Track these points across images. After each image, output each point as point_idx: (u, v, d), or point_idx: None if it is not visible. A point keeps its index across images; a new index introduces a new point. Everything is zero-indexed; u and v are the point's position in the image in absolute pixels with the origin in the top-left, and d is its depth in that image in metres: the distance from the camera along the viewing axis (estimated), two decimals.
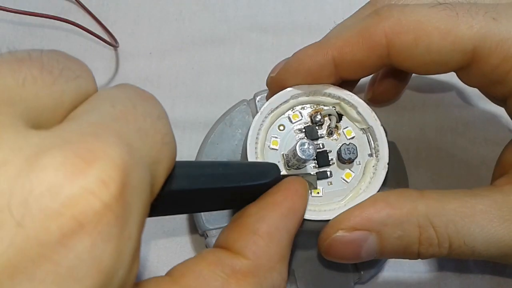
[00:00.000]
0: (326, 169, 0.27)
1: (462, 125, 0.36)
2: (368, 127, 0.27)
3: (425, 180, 0.35)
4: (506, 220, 0.24)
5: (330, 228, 0.25)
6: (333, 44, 0.26)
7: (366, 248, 0.24)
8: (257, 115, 0.27)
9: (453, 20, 0.24)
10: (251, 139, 0.26)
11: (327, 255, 0.25)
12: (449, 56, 0.25)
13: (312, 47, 0.27)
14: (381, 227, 0.24)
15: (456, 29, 0.24)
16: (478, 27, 0.24)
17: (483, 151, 0.35)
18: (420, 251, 0.24)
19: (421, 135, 0.36)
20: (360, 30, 0.25)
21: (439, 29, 0.24)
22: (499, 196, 0.24)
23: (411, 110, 0.37)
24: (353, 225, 0.24)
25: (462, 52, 0.25)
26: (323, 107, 0.27)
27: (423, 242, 0.24)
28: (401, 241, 0.24)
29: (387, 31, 0.25)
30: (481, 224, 0.24)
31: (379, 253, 0.25)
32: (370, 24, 0.25)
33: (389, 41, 0.25)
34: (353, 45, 0.25)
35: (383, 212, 0.24)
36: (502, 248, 0.24)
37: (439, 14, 0.24)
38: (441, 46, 0.24)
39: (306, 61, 0.26)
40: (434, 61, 0.25)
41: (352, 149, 0.26)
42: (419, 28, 0.24)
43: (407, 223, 0.24)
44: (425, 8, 0.25)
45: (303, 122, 0.27)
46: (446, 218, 0.24)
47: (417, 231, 0.24)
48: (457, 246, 0.24)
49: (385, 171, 0.26)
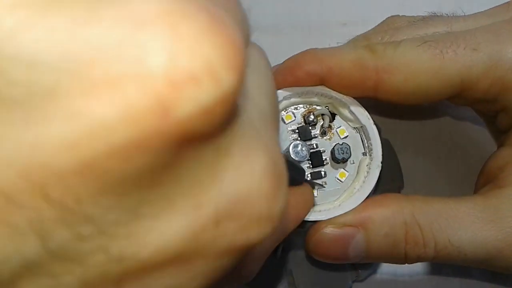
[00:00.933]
0: (320, 169, 0.27)
1: (461, 123, 0.36)
2: (361, 126, 0.27)
3: (421, 179, 0.35)
4: (489, 221, 0.24)
5: (319, 224, 0.25)
6: (327, 61, 0.27)
7: (354, 246, 0.25)
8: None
9: (438, 59, 0.26)
10: None
11: (314, 252, 0.26)
12: (438, 91, 0.27)
13: (303, 55, 0.27)
14: (369, 223, 0.25)
15: (443, 67, 0.26)
16: (462, 61, 0.26)
17: (481, 149, 0.35)
18: (407, 251, 0.25)
19: (419, 133, 0.36)
20: (353, 59, 0.26)
21: (427, 69, 0.26)
22: (482, 200, 0.25)
23: (409, 108, 0.37)
24: (342, 221, 0.25)
25: (451, 86, 0.26)
26: (316, 107, 0.28)
27: (409, 241, 0.25)
28: (388, 239, 0.25)
29: (379, 69, 0.26)
30: (465, 225, 0.24)
31: (366, 252, 0.25)
32: (364, 58, 0.26)
33: (379, 78, 0.26)
34: (345, 69, 0.26)
35: (370, 209, 0.25)
36: (488, 249, 0.24)
37: (426, 54, 0.26)
38: (430, 84, 0.26)
39: (297, 70, 0.27)
40: (422, 96, 0.27)
41: (345, 148, 0.26)
42: (408, 68, 0.26)
43: (393, 220, 0.25)
44: (413, 48, 0.26)
45: (296, 123, 0.27)
46: (430, 218, 0.25)
47: (403, 229, 0.25)
48: (443, 246, 0.24)
49: (378, 170, 0.26)
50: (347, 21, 0.39)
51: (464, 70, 0.26)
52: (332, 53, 0.27)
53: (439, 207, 0.25)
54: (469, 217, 0.24)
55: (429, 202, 0.25)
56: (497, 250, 0.24)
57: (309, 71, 0.27)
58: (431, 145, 0.36)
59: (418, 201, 0.25)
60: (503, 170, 0.27)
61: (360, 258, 0.26)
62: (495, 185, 0.26)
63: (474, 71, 0.26)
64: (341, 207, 0.25)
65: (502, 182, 0.26)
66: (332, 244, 0.25)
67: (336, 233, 0.25)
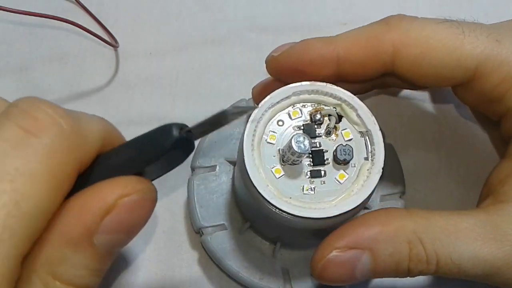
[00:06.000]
0: (320, 168, 0.27)
1: (462, 125, 0.36)
2: (366, 131, 0.27)
3: (422, 180, 0.35)
4: (490, 239, 0.24)
5: (324, 248, 0.25)
6: (341, 43, 0.27)
7: (360, 267, 0.25)
8: (257, 108, 0.27)
9: (459, 39, 0.25)
10: (249, 131, 0.26)
11: (321, 278, 0.25)
12: (452, 71, 0.26)
13: (320, 40, 0.27)
14: (374, 244, 0.24)
15: (462, 47, 0.25)
16: (482, 47, 0.25)
17: (482, 151, 0.35)
18: (410, 267, 0.25)
19: (419, 135, 0.36)
20: (368, 36, 0.26)
21: (446, 45, 0.25)
22: (483, 215, 0.25)
23: (410, 110, 0.37)
24: (347, 244, 0.25)
25: (465, 69, 0.26)
26: (324, 106, 0.28)
27: (412, 259, 0.24)
28: (393, 258, 0.24)
29: (395, 41, 0.26)
30: (466, 242, 0.24)
31: (372, 272, 0.25)
32: (379, 32, 0.26)
33: (396, 51, 0.26)
34: (360, 48, 0.26)
35: (374, 229, 0.25)
36: (486, 267, 0.24)
37: (446, 31, 0.25)
38: (446, 62, 0.26)
39: (311, 51, 0.27)
40: (436, 75, 0.26)
41: (348, 150, 0.26)
42: (426, 43, 0.25)
43: (397, 239, 0.24)
44: (433, 24, 0.26)
45: (303, 120, 0.27)
46: (432, 235, 0.24)
47: (407, 247, 0.24)
48: (444, 264, 0.24)
49: (378, 176, 0.26)
50: (347, 21, 0.39)
51: (482, 57, 0.25)
52: (345, 35, 0.27)
53: (441, 223, 0.25)
54: (470, 234, 0.24)
55: (431, 219, 0.25)
56: (496, 268, 0.24)
57: (324, 54, 0.27)
58: (432, 146, 0.36)
59: (420, 218, 0.25)
60: (504, 184, 0.26)
61: (366, 277, 0.25)
62: (496, 199, 0.26)
63: (491, 61, 0.25)
64: (336, 207, 0.25)
65: (503, 197, 0.26)
66: (338, 269, 0.25)
67: (342, 257, 0.24)
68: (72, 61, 0.38)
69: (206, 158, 0.33)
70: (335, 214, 0.25)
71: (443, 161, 0.36)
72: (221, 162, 0.32)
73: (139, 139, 0.19)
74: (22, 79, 0.38)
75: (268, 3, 0.40)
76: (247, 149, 0.26)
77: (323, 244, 0.25)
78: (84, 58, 0.38)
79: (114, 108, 0.36)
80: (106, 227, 0.17)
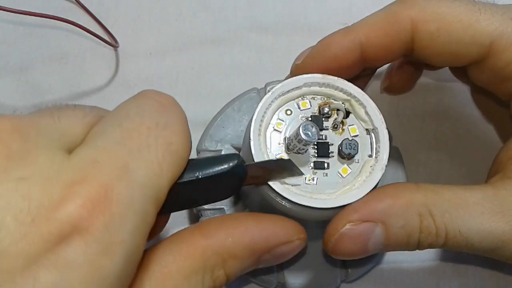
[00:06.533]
0: (324, 160, 0.27)
1: (462, 126, 0.36)
2: (373, 128, 0.27)
3: (423, 180, 0.35)
4: (496, 213, 0.24)
5: (338, 222, 0.25)
6: (360, 29, 0.27)
7: (373, 240, 0.25)
8: (267, 94, 0.27)
9: (475, 15, 0.26)
10: (257, 116, 0.26)
11: (335, 252, 0.26)
12: (468, 48, 0.26)
13: (338, 33, 0.28)
14: (386, 217, 0.25)
15: (477, 24, 0.26)
16: (497, 24, 0.26)
17: (483, 151, 0.35)
18: (420, 240, 0.25)
19: (421, 134, 0.36)
20: (386, 15, 0.27)
21: (461, 21, 0.26)
22: (490, 190, 0.25)
23: (411, 110, 0.37)
24: (360, 217, 0.25)
25: (480, 45, 0.26)
26: (333, 101, 0.28)
27: (423, 231, 0.25)
28: (405, 230, 0.25)
29: (413, 17, 0.26)
30: (474, 215, 0.25)
31: (385, 245, 0.25)
32: (396, 10, 0.27)
33: (414, 27, 0.26)
34: (380, 30, 0.27)
35: (385, 203, 0.25)
36: (493, 240, 0.25)
37: (462, 8, 0.26)
38: (461, 38, 0.26)
39: (333, 46, 0.28)
40: (452, 52, 0.27)
41: (353, 145, 0.26)
42: (442, 19, 0.26)
43: (408, 212, 0.25)
44: (449, 1, 0.26)
45: (311, 111, 0.27)
46: (442, 208, 0.25)
47: (418, 220, 0.25)
48: (453, 236, 0.25)
49: (381, 173, 0.26)
50: (347, 21, 0.38)
51: (496, 33, 0.26)
52: (363, 22, 0.27)
53: (450, 196, 0.25)
54: (478, 208, 0.25)
55: (440, 192, 0.25)
56: (502, 241, 0.24)
57: (346, 46, 0.27)
58: (432, 146, 0.36)
59: (430, 192, 0.25)
60: None
61: (378, 250, 0.26)
62: (505, 175, 0.26)
63: (504, 38, 0.26)
64: (336, 199, 0.25)
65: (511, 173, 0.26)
66: (352, 242, 0.25)
67: (356, 231, 0.25)
68: (72, 61, 0.38)
69: (213, 142, 0.33)
70: (335, 206, 0.25)
71: (444, 161, 0.36)
72: (227, 148, 0.33)
73: (212, 178, 0.22)
74: (22, 79, 0.38)
75: (268, 3, 0.40)
76: (254, 133, 0.26)
77: (336, 218, 0.25)
78: (84, 58, 0.38)
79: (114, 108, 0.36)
80: (273, 253, 0.24)
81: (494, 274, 0.33)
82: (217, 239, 0.23)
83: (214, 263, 0.22)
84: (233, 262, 0.23)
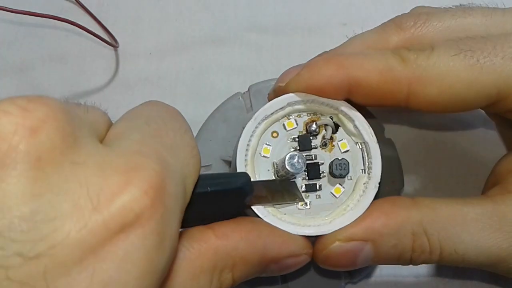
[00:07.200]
0: (315, 182, 0.26)
1: (461, 126, 0.36)
2: (363, 142, 0.26)
3: (423, 180, 0.35)
4: (496, 229, 0.24)
5: (327, 239, 0.25)
6: (352, 68, 0.25)
7: (362, 257, 0.25)
8: (250, 121, 0.26)
9: (476, 70, 0.24)
10: (241, 147, 0.26)
11: (323, 265, 0.26)
12: (473, 102, 0.25)
13: (328, 64, 0.25)
14: (377, 236, 0.24)
15: (479, 78, 0.24)
16: (500, 71, 0.24)
17: (482, 151, 0.35)
18: (413, 258, 0.25)
19: (420, 135, 0.36)
20: (383, 70, 0.25)
21: (463, 80, 0.24)
22: (490, 205, 0.25)
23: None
24: (349, 236, 0.25)
25: (487, 96, 0.25)
26: (320, 116, 0.27)
27: (416, 249, 0.25)
28: (396, 249, 0.25)
29: (412, 81, 0.25)
30: (472, 232, 0.24)
31: (374, 261, 0.25)
32: (395, 67, 0.25)
33: (411, 89, 0.25)
34: (374, 82, 0.25)
35: (378, 222, 0.25)
36: (491, 257, 0.24)
37: (462, 64, 0.24)
38: (465, 95, 0.25)
39: (319, 79, 0.25)
40: (457, 107, 0.25)
41: (343, 165, 0.26)
42: (443, 81, 0.24)
43: (402, 231, 0.24)
44: (448, 58, 0.24)
45: (298, 131, 0.27)
46: (438, 226, 0.24)
47: (410, 239, 0.24)
48: (448, 254, 0.24)
49: (375, 191, 0.25)
50: (347, 21, 0.39)
51: (501, 80, 0.24)
52: (359, 62, 0.25)
53: (447, 213, 0.25)
54: (476, 224, 0.24)
55: (437, 208, 0.25)
56: (500, 258, 0.24)
57: (335, 83, 0.25)
58: (432, 146, 0.36)
59: (426, 208, 0.25)
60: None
61: (368, 264, 0.26)
62: (504, 189, 0.26)
63: (511, 81, 0.24)
64: (331, 224, 0.25)
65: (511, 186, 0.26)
66: (340, 258, 0.25)
67: (344, 248, 0.25)
68: (72, 61, 0.38)
69: (202, 156, 0.32)
70: (330, 232, 0.25)
71: (443, 161, 0.36)
72: (216, 162, 0.32)
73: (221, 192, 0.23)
74: (22, 79, 0.38)
75: (268, 3, 0.40)
76: (240, 165, 0.25)
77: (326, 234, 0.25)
78: (84, 58, 0.38)
79: (114, 108, 0.36)
80: (280, 263, 0.24)
81: (494, 276, 0.33)
82: (231, 241, 0.22)
83: (224, 265, 0.22)
84: (242, 266, 0.23)
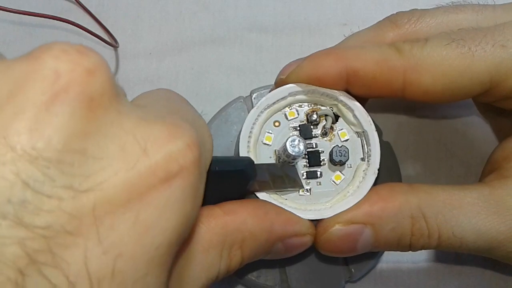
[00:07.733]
0: (316, 169, 0.27)
1: (461, 125, 0.36)
2: (363, 131, 0.27)
3: (422, 182, 0.35)
4: (493, 213, 0.25)
5: (327, 222, 0.26)
6: (350, 62, 0.26)
7: (362, 241, 0.25)
8: (253, 109, 0.27)
9: (468, 58, 0.25)
10: (244, 133, 0.26)
11: (323, 249, 0.26)
12: (467, 90, 0.26)
13: (328, 56, 0.27)
14: (376, 220, 0.25)
15: (472, 66, 0.25)
16: (491, 58, 0.25)
17: (482, 150, 0.35)
18: (412, 242, 0.25)
19: (419, 135, 0.36)
20: (379, 60, 0.26)
21: (456, 68, 0.25)
22: (487, 190, 0.25)
23: (410, 109, 0.37)
24: (350, 219, 0.25)
25: (480, 84, 0.26)
26: (321, 107, 0.27)
27: (415, 233, 0.25)
28: (395, 232, 0.25)
29: (407, 70, 0.26)
30: (469, 216, 0.25)
31: (374, 246, 0.26)
32: (390, 58, 0.26)
33: (407, 79, 0.26)
34: (371, 72, 0.26)
35: (377, 206, 0.25)
36: (488, 240, 0.25)
37: (454, 53, 0.25)
38: (459, 83, 0.26)
39: (320, 69, 0.27)
40: (451, 95, 0.26)
41: (343, 151, 0.26)
42: (437, 69, 0.25)
43: (400, 215, 0.25)
44: (441, 47, 0.25)
45: (299, 120, 0.27)
46: (435, 209, 0.25)
47: (409, 222, 0.25)
48: (446, 238, 0.25)
49: (374, 177, 0.26)
50: (347, 21, 0.39)
51: (493, 67, 0.25)
52: (356, 54, 0.26)
53: (444, 197, 0.25)
54: (473, 208, 0.25)
55: (434, 193, 0.25)
56: (497, 241, 0.25)
57: (334, 73, 0.26)
58: (431, 147, 0.36)
59: (424, 193, 0.25)
60: (509, 160, 0.27)
61: (368, 250, 0.26)
62: (500, 175, 0.26)
63: (503, 68, 0.25)
64: (332, 208, 0.25)
65: (508, 172, 0.26)
66: (341, 242, 0.25)
67: (344, 231, 0.25)
68: None
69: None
70: (330, 216, 0.25)
71: (443, 161, 0.36)
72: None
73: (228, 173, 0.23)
74: None
75: (268, 3, 0.40)
76: (243, 150, 0.26)
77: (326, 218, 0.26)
78: None
79: None
80: (286, 242, 0.25)
81: (494, 275, 0.33)
82: (239, 216, 0.23)
83: (233, 240, 0.23)
84: (251, 242, 0.23)
